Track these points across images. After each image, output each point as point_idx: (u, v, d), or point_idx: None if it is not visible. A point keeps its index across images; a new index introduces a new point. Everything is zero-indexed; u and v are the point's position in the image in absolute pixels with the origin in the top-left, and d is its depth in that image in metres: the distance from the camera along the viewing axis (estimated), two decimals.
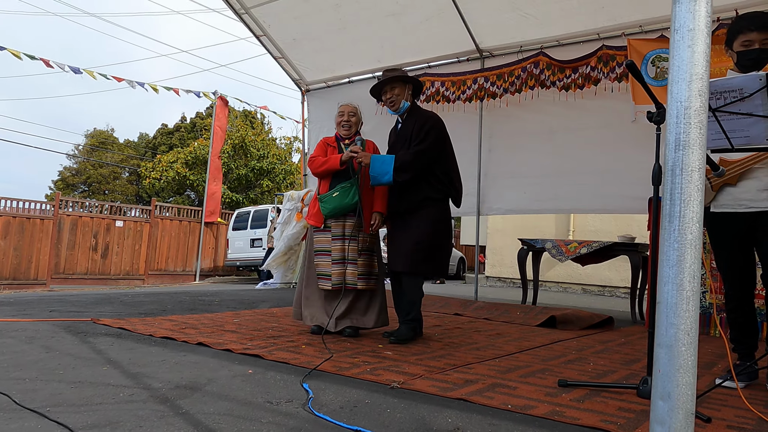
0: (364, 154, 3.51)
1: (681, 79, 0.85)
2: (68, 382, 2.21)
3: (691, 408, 0.84)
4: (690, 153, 0.85)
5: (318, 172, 3.63)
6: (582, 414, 1.98)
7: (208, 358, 2.74)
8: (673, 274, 0.85)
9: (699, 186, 0.86)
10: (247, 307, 5.38)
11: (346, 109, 3.72)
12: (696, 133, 0.86)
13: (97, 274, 13.02)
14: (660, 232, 0.87)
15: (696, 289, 0.86)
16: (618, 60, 5.38)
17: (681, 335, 0.84)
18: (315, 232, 3.65)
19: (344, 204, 3.50)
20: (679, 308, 0.84)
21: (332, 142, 3.73)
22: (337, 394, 2.17)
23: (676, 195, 0.85)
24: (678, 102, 0.86)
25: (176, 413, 1.85)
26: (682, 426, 0.81)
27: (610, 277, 9.84)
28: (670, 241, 0.85)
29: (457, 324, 4.47)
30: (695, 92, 0.85)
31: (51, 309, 4.63)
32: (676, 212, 0.85)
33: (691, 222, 0.85)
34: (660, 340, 0.85)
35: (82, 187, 29.03)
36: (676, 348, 0.84)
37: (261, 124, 23.87)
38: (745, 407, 2.13)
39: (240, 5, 6.46)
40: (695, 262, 0.86)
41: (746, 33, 2.44)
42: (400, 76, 3.62)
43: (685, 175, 0.85)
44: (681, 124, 0.85)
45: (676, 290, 0.84)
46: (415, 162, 3.43)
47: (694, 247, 0.85)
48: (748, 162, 2.53)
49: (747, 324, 2.62)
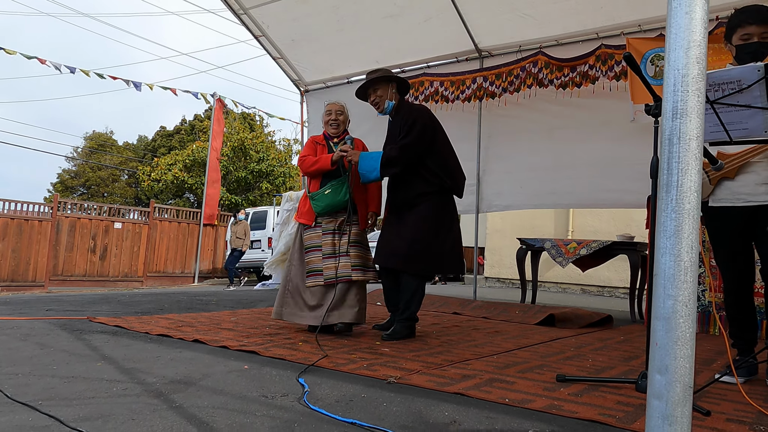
0: (353, 153, 3.51)
1: (678, 46, 0.83)
2: (61, 377, 2.19)
3: (689, 381, 0.82)
4: (688, 121, 0.83)
5: (309, 172, 3.62)
6: (580, 407, 1.96)
7: (204, 355, 2.72)
8: (670, 244, 0.83)
9: (697, 155, 0.85)
10: (244, 306, 5.35)
11: (334, 108, 3.71)
12: (694, 101, 0.84)
13: (96, 275, 12.99)
14: (657, 203, 0.86)
15: (694, 260, 0.84)
16: (617, 58, 5.37)
17: (679, 307, 0.82)
18: (305, 230, 3.64)
19: (336, 201, 3.50)
20: (677, 279, 0.82)
21: (321, 141, 3.72)
22: (333, 388, 2.15)
23: (674, 164, 0.83)
24: (675, 69, 0.84)
25: (169, 407, 1.82)
26: (680, 399, 0.79)
27: (610, 278, 9.82)
28: (668, 211, 0.83)
29: (455, 322, 4.45)
30: (693, 59, 0.83)
31: (47, 308, 4.60)
32: (673, 181, 0.83)
33: (689, 191, 0.83)
34: (657, 312, 0.83)
35: (81, 190, 29.02)
36: (673, 320, 0.82)
37: (260, 126, 23.87)
38: (744, 401, 2.11)
39: (239, 6, 6.45)
40: (693, 232, 0.84)
41: (745, 26, 2.43)
42: (381, 77, 3.61)
43: (683, 144, 0.83)
44: (678, 92, 0.84)
45: (673, 261, 0.82)
46: (401, 156, 3.40)
47: (692, 217, 0.83)
48: (746, 156, 2.51)
49: (746, 319, 2.60)
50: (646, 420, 0.83)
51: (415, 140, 3.43)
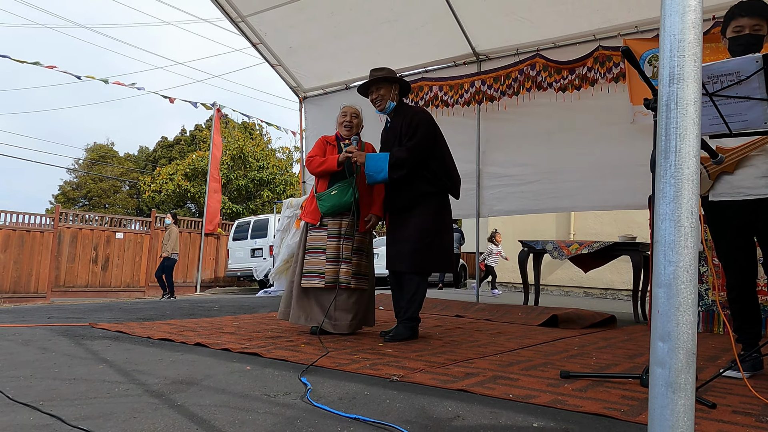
0: (359, 154, 3.52)
1: (674, 11, 0.83)
2: (63, 379, 2.18)
3: (692, 348, 0.81)
4: (685, 86, 0.83)
5: (316, 172, 3.65)
6: (585, 402, 1.95)
7: (206, 357, 2.71)
8: (670, 210, 0.82)
9: (695, 120, 0.84)
10: (246, 312, 5.34)
11: (349, 110, 3.75)
12: (691, 66, 0.84)
13: (98, 286, 12.99)
14: (656, 170, 0.85)
15: (694, 226, 0.84)
16: (614, 60, 5.39)
17: (680, 272, 0.81)
18: (310, 229, 3.65)
19: (342, 202, 3.51)
20: (678, 245, 0.82)
21: (332, 141, 3.75)
22: (336, 387, 2.14)
23: (672, 129, 0.83)
24: (671, 35, 0.84)
25: (171, 406, 1.81)
26: (683, 366, 0.78)
27: (612, 280, 9.79)
28: (667, 177, 0.83)
29: (458, 324, 4.43)
30: (689, 24, 0.83)
31: (49, 316, 4.59)
32: (671, 147, 0.82)
33: (688, 156, 0.83)
34: (658, 279, 0.83)
35: (83, 201, 29.06)
36: (675, 286, 0.81)
37: (260, 134, 23.93)
38: (750, 395, 2.10)
39: (236, 14, 6.49)
40: (693, 197, 0.83)
41: (737, 19, 2.46)
42: (386, 77, 3.63)
43: (681, 109, 0.83)
44: (675, 57, 0.83)
45: (674, 227, 0.82)
46: (410, 158, 3.43)
47: (691, 182, 0.83)
48: (745, 149, 2.51)
49: (750, 313, 2.59)
50: (650, 389, 0.82)
51: (421, 141, 3.47)
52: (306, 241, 3.63)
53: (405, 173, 3.44)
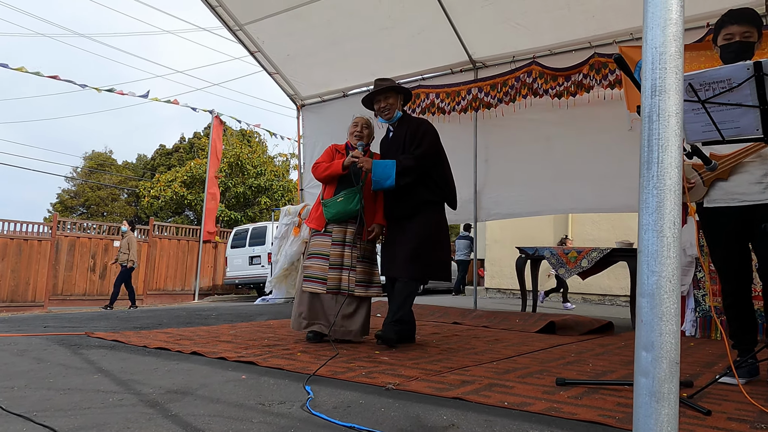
0: (365, 159, 3.53)
1: (655, 24, 0.84)
2: (57, 389, 2.18)
3: (675, 357, 0.82)
4: (667, 98, 0.84)
5: (321, 177, 3.68)
6: (580, 410, 1.95)
7: (202, 366, 2.71)
8: (652, 220, 0.83)
9: (676, 131, 0.85)
10: (244, 320, 5.33)
11: (361, 121, 3.79)
12: (672, 78, 0.85)
13: (96, 294, 12.95)
14: (639, 181, 0.86)
15: (676, 236, 0.84)
16: (610, 67, 5.41)
17: (663, 282, 0.82)
18: (314, 235, 3.67)
19: (347, 209, 3.53)
20: (660, 255, 0.82)
21: (341, 149, 3.79)
22: (331, 395, 2.13)
23: (654, 140, 0.84)
24: (653, 48, 0.85)
25: (165, 416, 1.81)
26: (667, 375, 0.79)
27: (610, 286, 9.79)
28: (649, 188, 0.84)
29: (455, 332, 4.43)
30: (670, 37, 0.84)
31: (45, 325, 4.58)
32: (654, 158, 0.83)
33: (670, 167, 0.84)
34: (641, 289, 0.83)
35: (81, 209, 29.03)
36: (657, 296, 0.81)
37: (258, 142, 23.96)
38: (745, 401, 2.10)
39: (234, 22, 6.52)
40: (675, 208, 0.84)
41: (727, 27, 2.49)
42: (394, 86, 3.67)
43: (662, 120, 0.83)
44: (657, 69, 0.84)
45: (656, 237, 0.83)
46: (417, 166, 3.48)
47: (673, 193, 0.84)
48: (739, 156, 2.52)
49: (745, 319, 2.59)
50: (634, 398, 0.82)
51: (429, 151, 3.52)
52: (310, 247, 3.66)
53: (411, 181, 3.47)
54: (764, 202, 2.42)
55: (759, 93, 2.06)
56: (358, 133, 3.74)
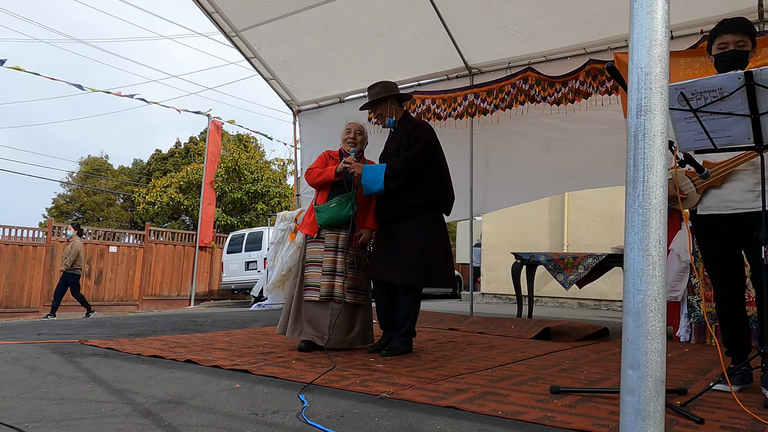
0: (357, 165, 3.53)
1: (641, 45, 0.85)
2: (50, 399, 2.17)
3: (661, 376, 0.82)
4: (652, 118, 0.84)
5: (314, 183, 3.68)
6: (573, 418, 1.95)
7: (196, 374, 2.70)
8: (638, 239, 0.84)
9: (662, 150, 0.86)
10: (239, 326, 5.32)
11: (354, 127, 3.78)
12: (657, 98, 0.85)
13: (91, 300, 12.84)
14: (625, 199, 0.87)
15: (662, 255, 0.85)
16: (606, 74, 5.44)
17: (648, 301, 0.82)
18: (308, 242, 3.67)
19: (340, 215, 3.53)
20: (646, 274, 0.83)
21: (335, 156, 3.78)
22: (325, 404, 2.13)
23: (639, 160, 0.85)
24: (639, 68, 0.86)
25: (158, 426, 1.80)
26: (652, 394, 0.79)
27: (606, 291, 9.81)
28: (635, 207, 0.84)
29: (451, 338, 4.42)
30: (655, 58, 0.85)
31: (39, 332, 4.56)
32: (639, 177, 0.84)
33: (655, 186, 0.84)
34: (627, 308, 0.84)
35: (76, 215, 28.93)
36: (643, 315, 0.82)
37: (255, 147, 23.95)
38: (739, 409, 2.10)
39: (231, 28, 6.53)
40: (660, 227, 0.85)
41: (721, 36, 2.51)
42: (376, 99, 3.67)
43: (648, 140, 0.84)
44: (642, 89, 0.85)
45: (642, 256, 0.83)
46: (406, 168, 3.44)
47: (659, 212, 0.84)
48: (732, 164, 2.54)
49: (739, 326, 2.60)
50: (620, 416, 0.83)
51: (418, 152, 3.48)
52: (305, 254, 3.65)
53: (401, 184, 3.45)
54: (756, 209, 2.43)
55: (750, 102, 2.08)
56: (351, 140, 3.74)
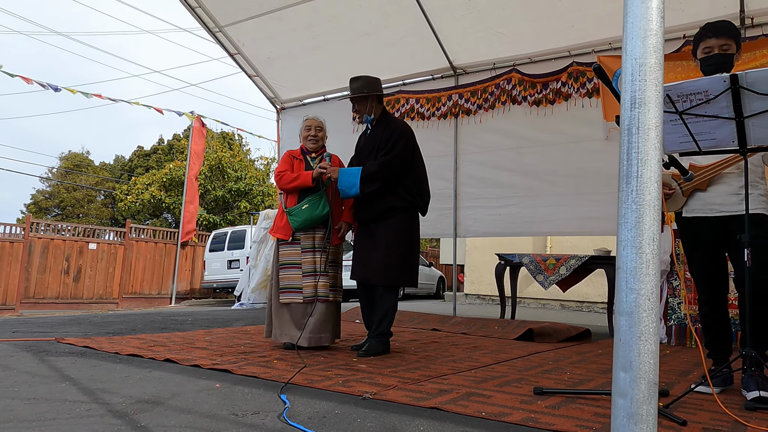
0: (333, 169, 3.51)
1: (635, 35, 0.82)
2: (22, 399, 2.10)
3: (654, 378, 0.80)
4: (646, 111, 0.82)
5: (287, 189, 3.59)
6: (557, 420, 1.94)
7: (175, 374, 2.64)
8: (631, 236, 0.81)
9: (656, 145, 0.84)
10: (220, 325, 5.25)
11: (313, 124, 3.72)
12: (652, 91, 0.83)
13: (69, 298, 12.67)
14: (618, 195, 0.85)
15: (656, 253, 0.83)
16: (588, 76, 5.47)
17: (642, 301, 0.80)
18: (282, 245, 3.60)
19: (314, 216, 3.48)
20: (639, 272, 0.81)
21: (298, 155, 3.70)
22: (306, 405, 2.09)
23: (633, 154, 0.82)
24: (633, 59, 0.83)
25: (134, 427, 1.75)
26: (645, 396, 0.77)
27: (588, 293, 9.87)
28: (628, 203, 0.82)
29: (434, 338, 4.41)
30: (650, 48, 0.83)
31: (14, 330, 4.45)
32: (633, 172, 0.82)
33: (650, 182, 0.82)
34: (620, 307, 0.81)
35: (56, 211, 28.45)
36: (636, 314, 0.80)
37: (239, 145, 23.76)
38: (720, 411, 2.11)
39: (214, 24, 6.45)
40: (654, 224, 0.82)
41: (706, 40, 2.53)
42: (357, 95, 3.63)
43: (642, 134, 0.82)
44: (636, 81, 0.83)
45: (635, 253, 0.81)
46: (382, 172, 3.42)
47: (653, 208, 0.82)
48: (718, 168, 2.55)
49: (721, 329, 2.62)
50: (612, 420, 0.81)
51: (396, 157, 3.46)
52: (279, 257, 3.59)
53: (377, 188, 3.42)
54: (741, 213, 2.44)
55: (735, 105, 2.09)
56: (312, 137, 3.68)
